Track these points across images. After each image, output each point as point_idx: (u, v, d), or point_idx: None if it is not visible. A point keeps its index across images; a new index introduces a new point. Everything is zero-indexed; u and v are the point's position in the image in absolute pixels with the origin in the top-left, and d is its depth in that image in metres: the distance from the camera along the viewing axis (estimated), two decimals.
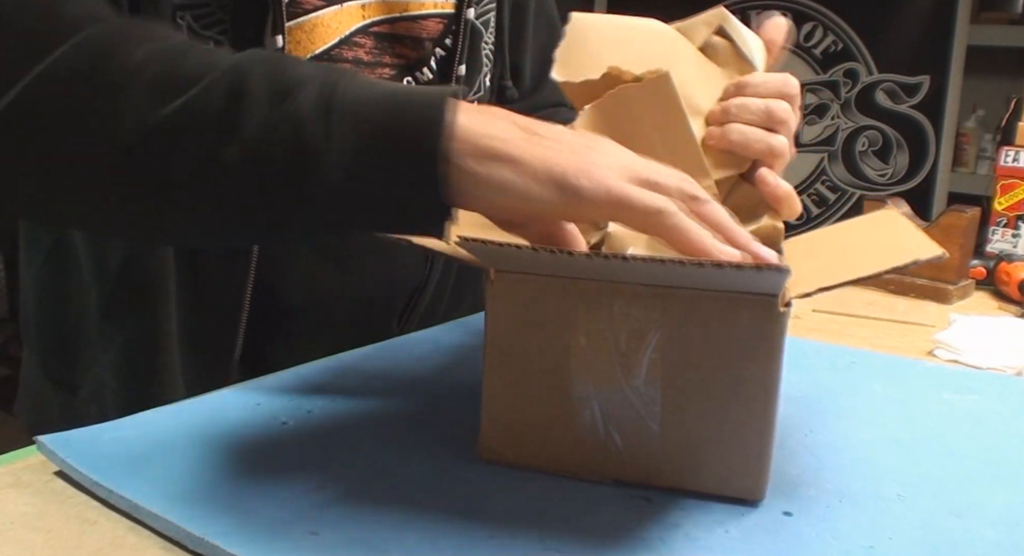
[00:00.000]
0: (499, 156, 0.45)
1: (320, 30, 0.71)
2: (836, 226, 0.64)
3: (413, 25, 0.76)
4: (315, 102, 0.46)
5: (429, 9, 0.77)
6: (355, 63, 0.73)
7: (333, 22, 0.72)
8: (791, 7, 2.54)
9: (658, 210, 0.45)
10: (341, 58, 0.72)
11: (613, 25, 0.60)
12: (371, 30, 0.75)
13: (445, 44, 0.79)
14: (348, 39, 0.73)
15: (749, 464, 0.48)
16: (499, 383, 0.52)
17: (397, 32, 0.76)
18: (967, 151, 2.50)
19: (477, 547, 0.44)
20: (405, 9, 0.76)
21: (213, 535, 0.44)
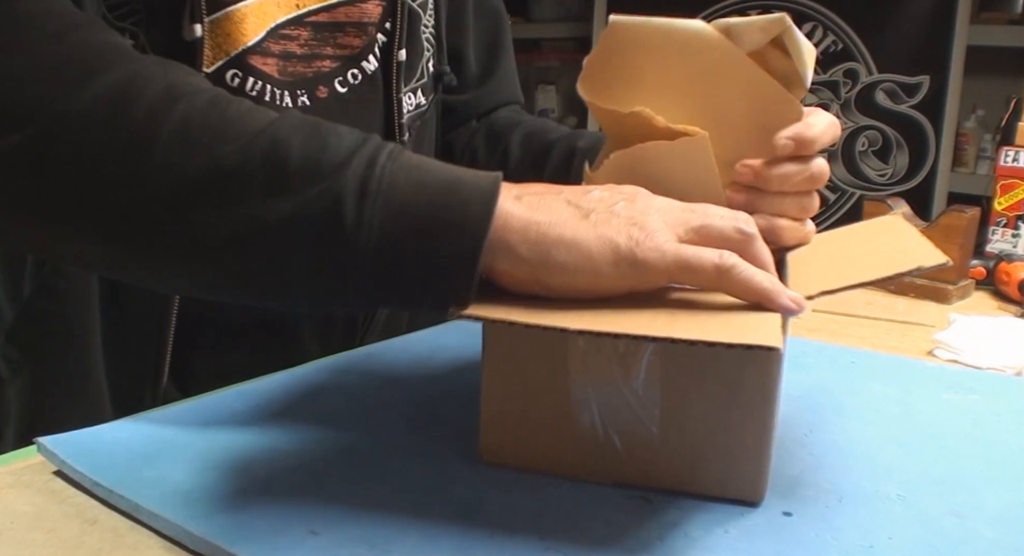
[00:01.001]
0: (555, 241, 0.46)
1: (249, 20, 0.66)
2: (841, 230, 0.64)
3: (353, 9, 0.72)
4: (354, 185, 0.45)
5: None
6: (285, 58, 0.69)
7: (259, 11, 0.67)
8: (791, 7, 2.54)
9: (716, 268, 0.45)
10: (269, 52, 0.68)
11: (654, 34, 0.54)
12: (307, 19, 0.70)
13: (386, 28, 0.75)
14: (275, 31, 0.68)
15: (748, 467, 0.48)
16: (498, 384, 0.52)
17: (337, 19, 0.72)
18: (967, 151, 2.49)
19: (476, 547, 0.44)
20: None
21: (213, 535, 0.44)
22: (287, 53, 0.70)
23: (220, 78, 0.66)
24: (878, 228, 0.62)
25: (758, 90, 0.53)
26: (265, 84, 0.68)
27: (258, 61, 0.68)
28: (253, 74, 0.67)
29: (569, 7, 3.06)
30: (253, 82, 0.67)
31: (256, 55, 0.67)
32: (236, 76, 0.67)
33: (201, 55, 0.64)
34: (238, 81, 0.67)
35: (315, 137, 0.47)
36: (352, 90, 0.74)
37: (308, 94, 0.71)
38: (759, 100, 0.54)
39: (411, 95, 0.79)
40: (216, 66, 0.66)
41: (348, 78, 0.74)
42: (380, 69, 0.75)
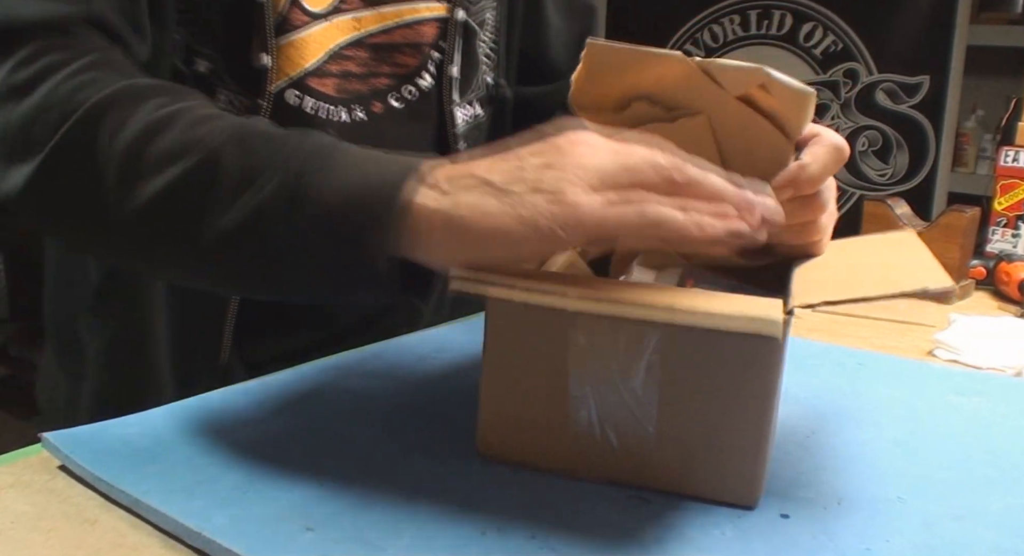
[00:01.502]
0: (474, 233, 0.46)
1: (310, 46, 0.72)
2: (852, 240, 0.64)
3: (409, 31, 0.77)
4: (277, 192, 0.49)
5: (424, 14, 0.77)
6: (343, 77, 0.74)
7: (322, 37, 0.72)
8: (791, 7, 2.54)
9: (638, 226, 0.45)
10: (328, 73, 0.73)
11: (634, 57, 0.52)
12: (367, 41, 0.75)
13: (441, 46, 0.79)
14: (337, 53, 0.74)
15: (743, 471, 0.49)
16: (497, 380, 0.52)
17: (394, 41, 0.77)
18: (967, 151, 2.49)
19: (472, 544, 0.44)
20: (399, 16, 0.76)
21: (211, 531, 0.44)
22: (346, 72, 0.75)
23: (281, 98, 0.71)
24: (891, 243, 0.62)
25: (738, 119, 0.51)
26: (320, 102, 0.73)
27: (316, 82, 0.73)
28: (311, 94, 0.73)
29: None
30: (311, 101, 0.73)
31: (314, 77, 0.72)
32: (296, 96, 0.72)
33: (268, 81, 0.69)
34: (297, 101, 0.72)
35: (247, 152, 0.51)
36: (406, 104, 0.78)
37: (364, 109, 0.76)
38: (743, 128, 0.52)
39: (467, 106, 0.83)
40: (277, 87, 0.71)
41: (403, 93, 0.78)
42: (434, 84, 0.80)
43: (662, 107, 0.50)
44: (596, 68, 0.50)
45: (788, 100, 0.47)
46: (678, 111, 0.50)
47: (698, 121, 0.49)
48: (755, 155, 0.49)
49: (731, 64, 0.48)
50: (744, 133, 0.48)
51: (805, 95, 0.46)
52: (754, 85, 0.47)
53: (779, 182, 0.52)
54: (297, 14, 0.71)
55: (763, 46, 2.59)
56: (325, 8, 0.72)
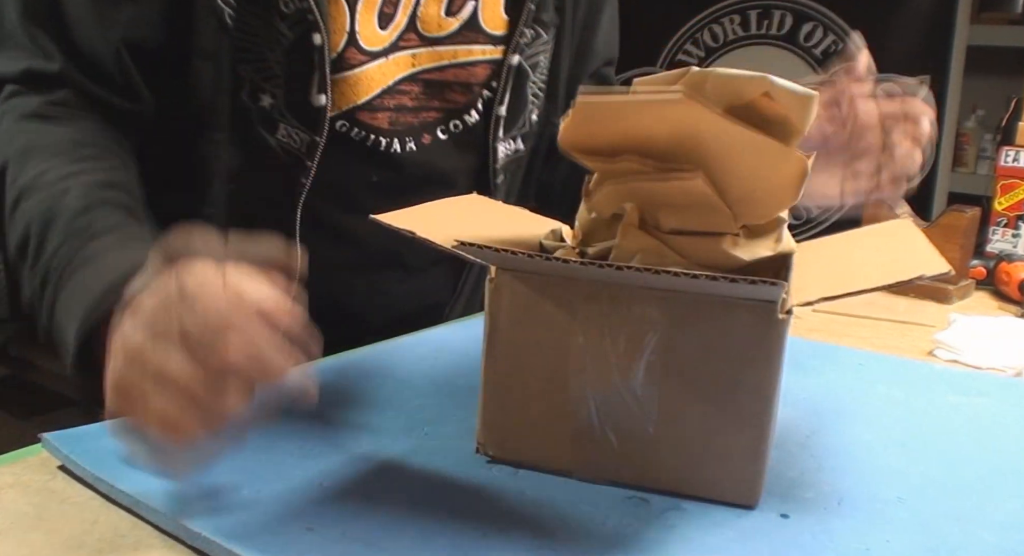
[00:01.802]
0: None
1: (364, 83, 0.76)
2: (847, 233, 0.64)
3: (462, 71, 0.81)
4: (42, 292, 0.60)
5: (477, 56, 0.81)
6: (397, 110, 0.78)
7: (377, 74, 0.77)
8: (791, 7, 2.54)
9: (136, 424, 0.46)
10: (382, 107, 0.77)
11: (626, 108, 0.49)
12: (420, 77, 0.79)
13: (492, 86, 0.83)
14: (392, 88, 0.78)
15: (743, 471, 0.49)
16: (497, 380, 0.52)
17: (446, 79, 0.80)
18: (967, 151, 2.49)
19: (471, 544, 0.44)
20: (454, 57, 0.80)
21: (211, 531, 0.44)
22: (400, 106, 0.79)
23: (332, 128, 0.76)
24: (885, 232, 0.62)
25: (747, 145, 0.48)
26: (370, 134, 0.78)
27: (367, 116, 0.77)
28: (360, 127, 0.77)
29: None
30: (358, 131, 0.77)
31: (365, 111, 0.77)
32: (344, 125, 0.76)
33: (324, 118, 0.74)
34: (345, 129, 0.76)
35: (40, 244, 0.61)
36: (452, 137, 0.82)
37: (415, 140, 0.80)
38: (750, 155, 0.49)
39: (510, 142, 0.87)
40: (328, 117, 0.75)
41: (450, 127, 0.82)
42: (482, 121, 0.83)
43: (653, 161, 0.49)
44: (584, 118, 0.49)
45: (792, 104, 0.48)
46: (671, 166, 0.49)
47: (695, 184, 0.48)
48: (763, 171, 0.49)
49: (735, 73, 0.48)
50: (748, 154, 0.48)
51: (808, 97, 0.47)
52: (759, 93, 0.47)
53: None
54: (353, 53, 0.75)
55: (763, 46, 2.59)
56: (383, 46, 0.76)
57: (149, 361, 0.45)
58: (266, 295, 0.45)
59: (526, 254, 0.47)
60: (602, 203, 0.51)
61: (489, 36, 0.81)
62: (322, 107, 0.73)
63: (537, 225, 0.62)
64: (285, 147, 0.75)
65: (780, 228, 0.52)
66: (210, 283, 0.46)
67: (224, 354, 0.44)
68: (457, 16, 0.79)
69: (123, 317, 0.48)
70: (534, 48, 0.85)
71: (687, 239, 0.49)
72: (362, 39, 0.75)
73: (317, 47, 0.72)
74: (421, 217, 0.59)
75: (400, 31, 0.77)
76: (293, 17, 0.71)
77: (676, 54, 2.74)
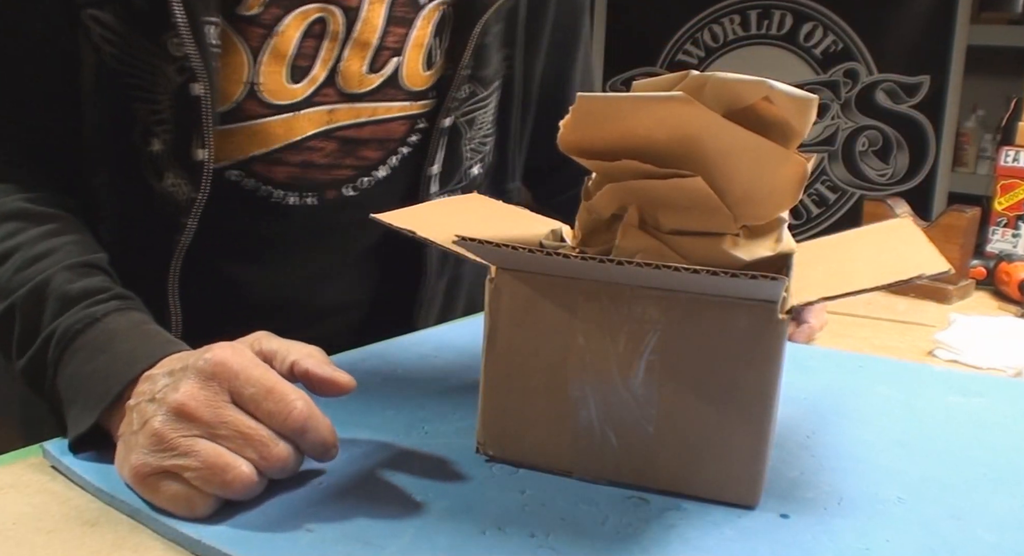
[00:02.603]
0: None
1: (262, 136, 0.72)
2: (846, 233, 0.64)
3: (379, 128, 0.77)
4: (40, 363, 0.58)
5: (395, 113, 0.77)
6: (303, 166, 0.74)
7: (282, 128, 0.73)
8: (791, 7, 2.54)
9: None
10: (283, 161, 0.73)
11: (625, 106, 0.49)
12: (336, 134, 0.75)
13: (410, 142, 0.79)
14: (300, 143, 0.74)
15: (743, 471, 0.49)
16: (497, 379, 0.52)
17: (362, 136, 0.76)
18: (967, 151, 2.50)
19: (470, 544, 0.44)
20: (373, 113, 0.76)
21: (210, 536, 0.44)
22: (308, 162, 0.75)
23: (220, 174, 0.71)
24: (885, 232, 0.62)
25: (747, 147, 0.49)
26: (265, 185, 0.74)
27: (263, 168, 0.73)
28: (255, 177, 0.73)
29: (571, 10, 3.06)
30: (252, 182, 0.74)
31: (262, 163, 0.73)
32: (238, 175, 0.73)
33: (205, 174, 0.69)
34: (237, 178, 0.73)
35: (33, 317, 0.59)
36: (361, 193, 0.78)
37: (318, 196, 0.76)
38: (750, 157, 0.49)
39: (446, 194, 0.83)
40: (220, 169, 0.71)
41: (359, 184, 0.78)
42: (400, 175, 0.79)
43: (653, 164, 0.49)
44: (583, 118, 0.50)
45: (792, 108, 0.48)
46: (670, 168, 0.49)
47: (695, 184, 0.48)
48: (763, 173, 0.49)
49: (734, 78, 0.48)
50: (748, 157, 0.48)
51: (807, 101, 0.47)
52: (758, 97, 0.48)
53: None
54: (253, 106, 0.71)
55: (763, 46, 2.59)
56: (293, 100, 0.72)
57: (202, 421, 0.47)
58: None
59: (527, 249, 0.47)
60: (602, 203, 0.51)
61: (408, 93, 0.78)
62: (200, 162, 0.68)
63: (538, 225, 0.62)
64: (169, 197, 0.70)
65: (780, 228, 0.52)
66: (238, 354, 0.49)
67: (289, 412, 0.47)
68: (380, 73, 0.76)
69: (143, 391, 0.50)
70: (468, 105, 0.82)
71: (687, 239, 0.49)
72: (264, 92, 0.71)
73: (196, 98, 0.67)
74: (421, 216, 0.59)
75: (317, 86, 0.73)
76: (178, 62, 0.66)
77: (676, 54, 2.74)
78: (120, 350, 0.54)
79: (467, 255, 0.52)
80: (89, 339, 0.56)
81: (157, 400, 0.48)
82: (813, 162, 0.49)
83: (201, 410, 0.47)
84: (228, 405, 0.47)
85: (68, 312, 0.57)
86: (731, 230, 0.49)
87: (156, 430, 0.47)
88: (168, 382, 0.49)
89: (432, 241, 0.54)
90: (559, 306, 0.50)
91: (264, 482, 0.47)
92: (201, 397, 0.47)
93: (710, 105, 0.47)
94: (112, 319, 0.57)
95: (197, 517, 0.45)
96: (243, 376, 0.48)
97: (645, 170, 0.49)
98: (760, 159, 0.48)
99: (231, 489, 0.46)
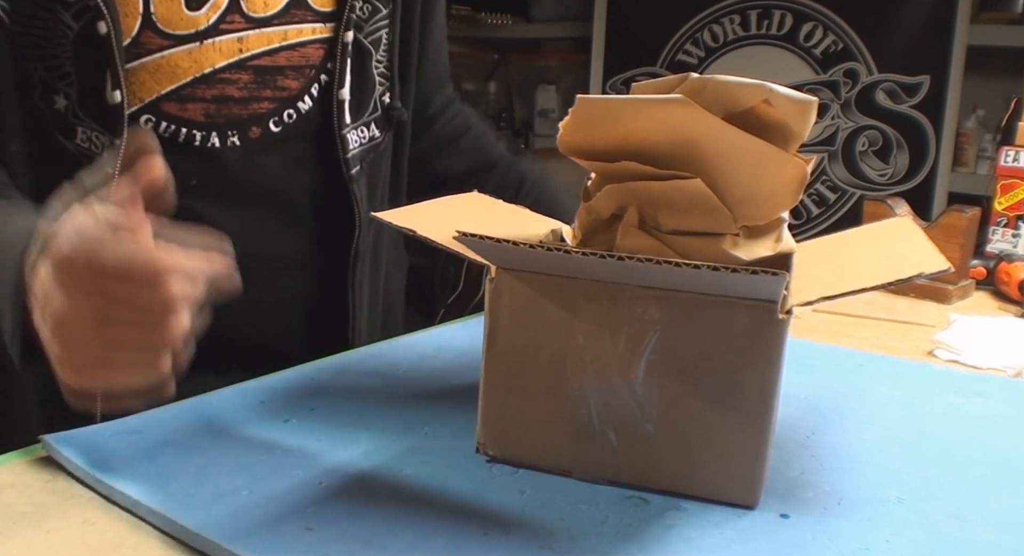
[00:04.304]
0: None
1: (167, 70, 0.69)
2: (846, 233, 0.64)
3: (294, 54, 0.74)
4: None
5: (307, 36, 0.74)
6: (218, 101, 0.71)
7: (186, 60, 0.69)
8: (791, 7, 2.54)
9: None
10: (194, 97, 0.70)
11: (625, 107, 0.49)
12: (250, 63, 0.72)
13: (328, 68, 0.76)
14: (211, 76, 0.70)
15: (743, 471, 0.49)
16: (497, 379, 0.52)
17: (278, 63, 0.73)
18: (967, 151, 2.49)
19: (470, 544, 0.44)
20: (285, 37, 0.73)
21: (211, 532, 0.44)
22: (222, 96, 0.71)
23: (133, 122, 0.69)
24: (885, 231, 0.62)
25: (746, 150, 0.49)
26: (180, 127, 0.71)
27: (174, 108, 0.70)
28: (166, 119, 0.70)
29: (569, 7, 3.06)
30: (166, 126, 0.70)
31: (172, 102, 0.70)
32: (149, 120, 0.70)
33: (122, 117, 0.66)
34: (150, 125, 0.70)
35: None
36: (285, 128, 0.75)
37: (239, 135, 0.73)
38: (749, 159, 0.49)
39: (362, 129, 0.80)
40: (131, 111, 0.68)
41: (283, 118, 0.75)
42: (318, 107, 0.76)
43: (653, 166, 0.49)
44: (583, 120, 0.50)
45: (791, 110, 0.48)
46: (670, 169, 0.49)
47: (695, 184, 0.48)
48: (762, 175, 0.49)
49: (733, 81, 0.48)
50: (747, 159, 0.48)
51: (807, 104, 0.48)
52: (758, 100, 0.48)
53: None
54: (151, 38, 0.68)
55: (763, 46, 2.59)
56: (195, 30, 0.69)
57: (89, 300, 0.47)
58: None
59: (527, 245, 0.47)
60: (602, 204, 0.51)
61: (317, 13, 0.74)
62: (117, 104, 0.66)
63: (538, 224, 0.62)
64: (85, 152, 0.68)
65: (780, 228, 0.52)
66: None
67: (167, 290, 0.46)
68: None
69: (41, 259, 0.50)
70: (372, 24, 0.78)
71: (687, 239, 0.49)
72: (160, 21, 0.68)
73: (103, 36, 0.64)
74: (421, 215, 0.59)
75: (220, 12, 0.70)
76: (75, 5, 0.64)
77: (676, 54, 2.74)
78: None
79: (468, 254, 0.52)
80: None
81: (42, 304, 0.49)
82: (813, 163, 0.49)
83: (84, 317, 0.47)
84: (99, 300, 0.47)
85: None
86: (731, 230, 0.49)
87: (58, 356, 0.48)
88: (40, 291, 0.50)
89: (432, 240, 0.54)
90: (559, 306, 0.50)
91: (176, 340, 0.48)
92: (73, 310, 0.48)
93: (710, 108, 0.47)
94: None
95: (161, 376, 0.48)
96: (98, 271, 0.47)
97: (645, 172, 0.49)
98: (759, 162, 0.48)
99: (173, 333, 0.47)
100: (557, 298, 0.50)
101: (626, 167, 0.50)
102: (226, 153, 0.72)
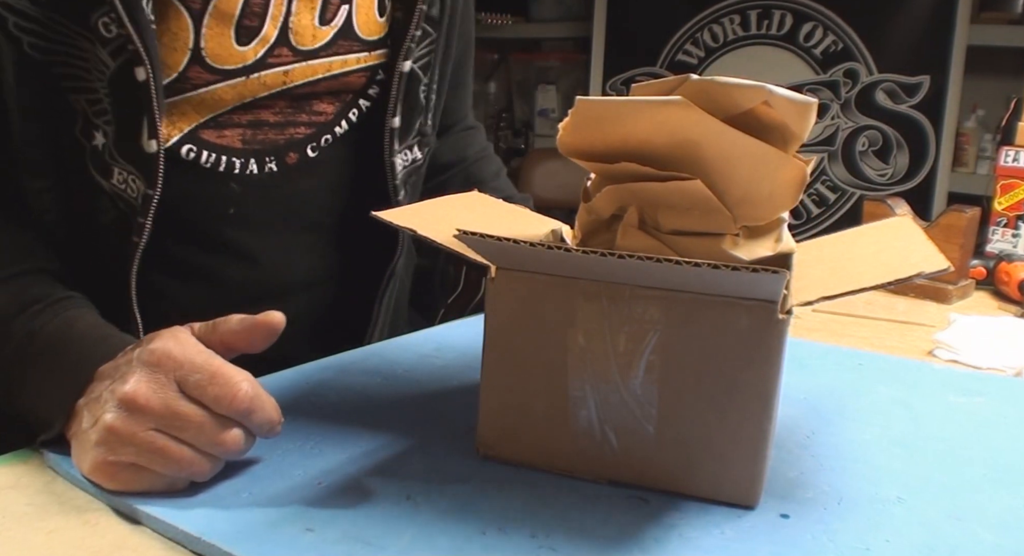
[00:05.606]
0: None
1: (210, 103, 0.67)
2: (846, 232, 0.64)
3: (335, 82, 0.73)
4: None
5: (352, 66, 0.74)
6: (253, 127, 0.70)
7: (230, 94, 0.68)
8: (791, 7, 2.54)
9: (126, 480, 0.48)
10: (231, 123, 0.69)
11: (624, 109, 0.49)
12: (288, 92, 0.71)
13: (369, 95, 0.76)
14: (249, 104, 0.69)
15: (743, 471, 0.49)
16: (497, 380, 0.52)
17: (316, 91, 0.73)
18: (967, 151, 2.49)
19: (471, 544, 0.44)
20: (329, 69, 0.72)
21: (211, 535, 0.44)
22: (259, 121, 0.70)
23: (172, 154, 0.67)
24: (884, 231, 0.62)
25: (746, 151, 0.49)
26: (219, 154, 0.69)
27: (211, 135, 0.69)
28: (206, 148, 0.69)
29: (569, 7, 3.06)
30: (210, 156, 0.69)
31: (210, 130, 0.68)
32: (191, 151, 0.68)
33: (157, 169, 0.64)
34: (193, 156, 0.68)
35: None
36: (323, 153, 0.75)
37: (276, 161, 0.72)
38: (749, 161, 0.49)
39: (406, 153, 0.79)
40: (170, 144, 0.67)
41: (320, 143, 0.74)
42: (356, 133, 0.76)
43: (653, 167, 0.50)
44: (583, 121, 0.50)
45: (791, 112, 0.48)
46: (670, 171, 0.49)
47: (695, 185, 0.48)
48: (762, 176, 0.49)
49: (733, 83, 0.48)
50: (747, 160, 0.48)
51: (807, 105, 0.48)
52: (757, 102, 0.48)
53: None
54: (198, 73, 0.66)
55: (763, 46, 2.59)
56: (243, 64, 0.67)
57: (153, 412, 0.47)
58: None
59: (527, 243, 0.47)
60: (601, 204, 0.51)
61: (364, 43, 0.73)
62: (153, 154, 0.62)
63: (538, 224, 0.62)
64: (120, 193, 0.65)
65: (780, 228, 0.52)
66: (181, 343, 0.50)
67: (234, 395, 0.48)
68: (331, 24, 0.71)
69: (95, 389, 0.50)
70: (422, 49, 0.77)
71: (687, 239, 0.49)
72: (209, 57, 0.65)
73: (141, 83, 0.60)
74: (421, 214, 0.59)
75: (269, 46, 0.68)
76: (112, 42, 0.60)
77: (676, 54, 2.74)
78: (65, 362, 0.54)
79: (468, 253, 0.52)
80: (34, 354, 0.55)
81: (106, 397, 0.49)
82: (813, 163, 0.49)
83: (151, 402, 0.47)
84: (176, 394, 0.48)
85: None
86: (731, 230, 0.49)
87: (109, 425, 0.47)
88: (115, 377, 0.49)
89: (432, 239, 0.54)
90: (559, 306, 0.50)
91: (220, 464, 0.49)
92: (149, 389, 0.48)
93: (709, 110, 0.47)
94: (49, 330, 0.56)
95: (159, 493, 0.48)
96: (187, 364, 0.48)
97: (645, 172, 0.49)
98: (759, 163, 0.48)
99: (190, 477, 0.48)
100: (557, 298, 0.50)
101: (626, 168, 0.50)
102: (264, 180, 0.72)
